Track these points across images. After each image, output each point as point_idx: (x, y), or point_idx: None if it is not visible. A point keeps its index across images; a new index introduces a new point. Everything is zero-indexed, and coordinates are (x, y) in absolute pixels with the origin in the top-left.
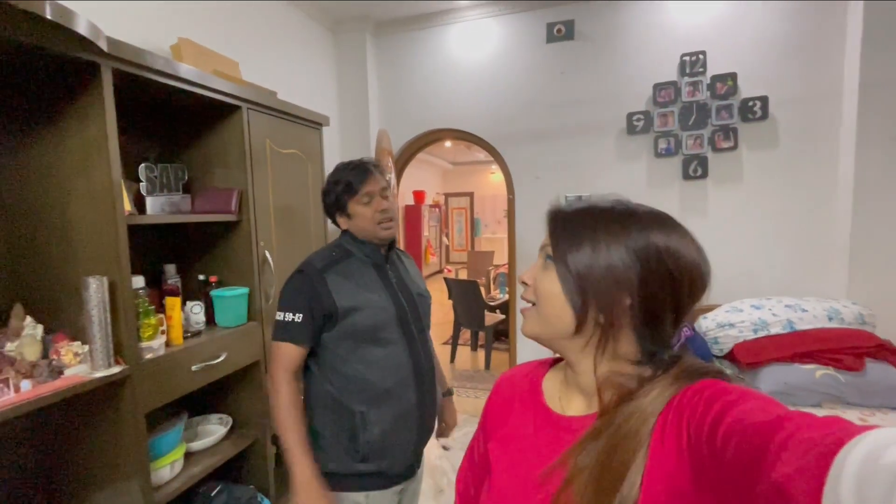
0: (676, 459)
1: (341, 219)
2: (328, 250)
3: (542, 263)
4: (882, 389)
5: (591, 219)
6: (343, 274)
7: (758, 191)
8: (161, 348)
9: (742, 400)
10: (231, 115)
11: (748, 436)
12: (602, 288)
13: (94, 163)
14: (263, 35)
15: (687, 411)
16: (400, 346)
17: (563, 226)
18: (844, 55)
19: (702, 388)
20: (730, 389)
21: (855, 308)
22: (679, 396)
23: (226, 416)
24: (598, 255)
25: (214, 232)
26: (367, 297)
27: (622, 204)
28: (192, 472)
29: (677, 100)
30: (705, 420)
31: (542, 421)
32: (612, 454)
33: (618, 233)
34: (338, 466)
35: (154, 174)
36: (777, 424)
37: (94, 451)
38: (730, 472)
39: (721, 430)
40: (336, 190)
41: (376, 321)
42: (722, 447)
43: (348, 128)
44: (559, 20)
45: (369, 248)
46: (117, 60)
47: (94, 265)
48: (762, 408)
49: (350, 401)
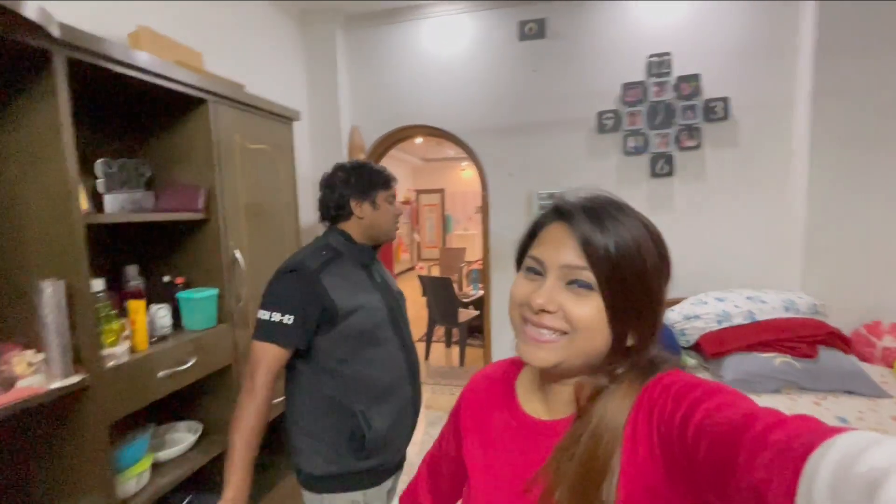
0: (650, 459)
1: (362, 206)
2: (317, 250)
3: (569, 288)
4: (833, 375)
5: (610, 225)
6: (338, 275)
7: (720, 188)
8: (125, 355)
9: (708, 396)
10: (196, 109)
11: (718, 435)
12: (643, 313)
13: (45, 157)
14: (227, 25)
15: (656, 410)
16: (394, 343)
17: (593, 244)
18: (799, 60)
19: (669, 385)
20: (696, 384)
21: (808, 299)
22: (647, 392)
23: (194, 423)
24: (640, 284)
25: (180, 231)
26: (364, 297)
27: (599, 197)
28: (159, 483)
29: (645, 99)
30: (675, 418)
31: (518, 425)
32: (590, 460)
33: (649, 257)
34: (338, 468)
35: (112, 170)
36: (745, 423)
37: (54, 466)
38: (703, 470)
39: (691, 428)
40: (372, 176)
41: (374, 321)
42: (693, 446)
43: (318, 123)
44: (531, 18)
45: (359, 248)
46: (70, 48)
47: (48, 268)
48: (730, 403)
49: (350, 401)
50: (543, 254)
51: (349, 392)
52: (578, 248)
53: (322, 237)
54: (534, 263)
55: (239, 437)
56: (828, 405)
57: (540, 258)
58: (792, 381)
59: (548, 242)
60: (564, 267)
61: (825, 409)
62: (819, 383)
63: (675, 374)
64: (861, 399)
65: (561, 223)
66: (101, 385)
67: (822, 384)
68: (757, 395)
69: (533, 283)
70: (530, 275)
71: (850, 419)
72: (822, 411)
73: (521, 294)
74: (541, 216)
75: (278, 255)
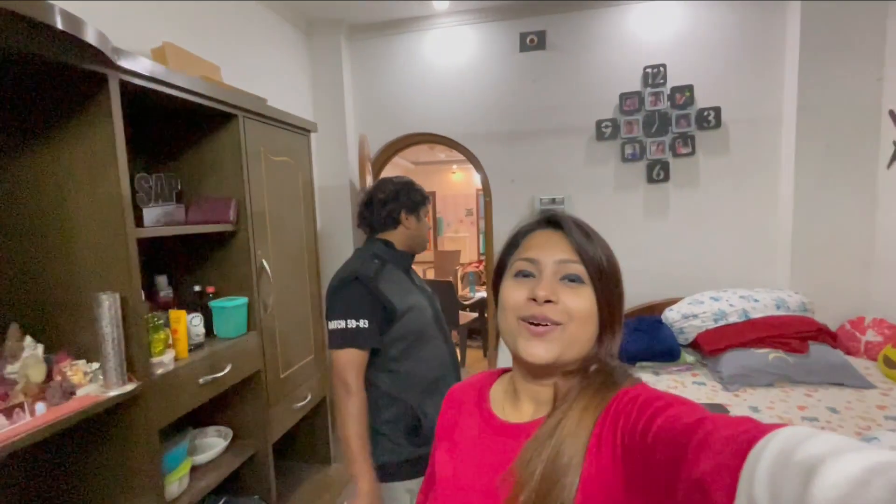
0: (612, 466)
1: (409, 218)
2: (367, 259)
3: (563, 283)
4: (823, 368)
5: (593, 237)
6: (390, 280)
7: (713, 193)
8: (171, 363)
9: (670, 406)
10: (227, 124)
11: (672, 436)
12: (616, 311)
13: (100, 177)
14: (237, 37)
15: (622, 418)
16: (439, 339)
17: (584, 247)
18: (785, 71)
19: (636, 396)
20: (660, 396)
21: (798, 297)
22: (615, 401)
23: (224, 428)
24: (612, 273)
25: (209, 242)
26: (413, 299)
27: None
28: (199, 486)
29: (641, 108)
30: (637, 425)
31: (485, 426)
32: (554, 463)
33: (604, 245)
34: (396, 456)
35: (149, 184)
36: (697, 425)
37: (106, 471)
38: (656, 472)
39: (651, 434)
40: (420, 196)
41: (423, 320)
42: (651, 449)
43: (325, 132)
44: (532, 31)
45: (400, 254)
46: (125, 72)
47: (100, 280)
48: (687, 412)
49: (406, 395)
50: (537, 254)
51: (403, 387)
52: (570, 246)
53: (366, 247)
54: (525, 265)
55: (353, 435)
56: (819, 397)
57: (533, 258)
58: (785, 375)
59: (539, 245)
60: (559, 262)
61: (816, 400)
62: (810, 377)
63: (641, 387)
64: (849, 390)
65: (550, 230)
66: (152, 392)
67: (813, 377)
68: (753, 388)
69: (525, 285)
70: (520, 278)
71: (839, 409)
72: (813, 402)
73: (517, 297)
74: (525, 226)
75: (298, 263)
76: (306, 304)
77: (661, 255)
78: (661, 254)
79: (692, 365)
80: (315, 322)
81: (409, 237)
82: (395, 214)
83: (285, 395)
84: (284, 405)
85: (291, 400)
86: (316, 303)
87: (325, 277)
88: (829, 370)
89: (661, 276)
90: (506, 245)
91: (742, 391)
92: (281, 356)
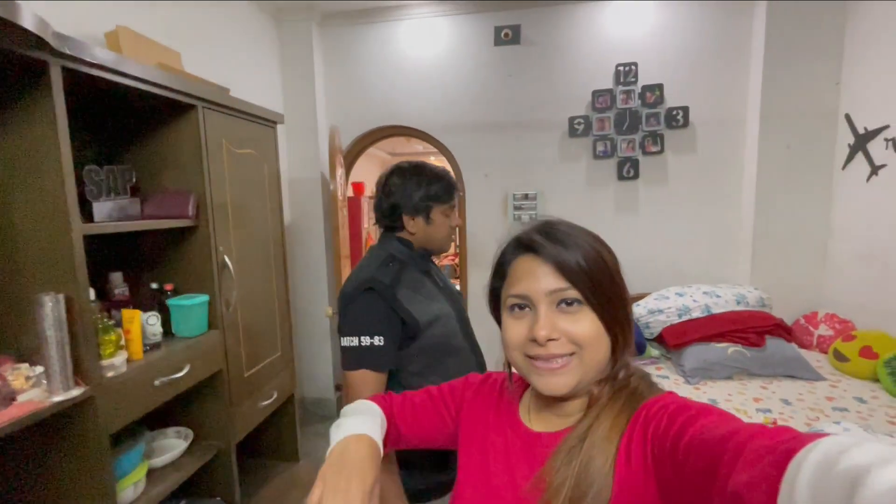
0: (642, 473)
1: (415, 220)
2: (383, 263)
3: (560, 309)
4: (778, 361)
5: (569, 241)
6: (410, 287)
7: (680, 191)
8: (123, 365)
9: (702, 415)
10: (185, 114)
11: (706, 446)
12: (619, 305)
13: (41, 170)
14: (201, 23)
15: (652, 426)
16: (466, 349)
17: (567, 265)
18: (750, 73)
19: (666, 405)
20: (691, 405)
21: (757, 293)
22: (645, 409)
23: (184, 429)
24: (599, 271)
25: (168, 237)
26: (438, 307)
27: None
28: (156, 490)
29: (613, 106)
30: (668, 434)
31: (514, 435)
32: (585, 470)
33: (607, 256)
34: (426, 482)
35: (100, 177)
36: (731, 435)
37: (54, 478)
38: (690, 482)
39: (683, 442)
40: (428, 191)
41: (448, 331)
42: (683, 459)
43: (295, 123)
44: (506, 24)
45: (419, 254)
46: (67, 58)
47: (44, 279)
48: (721, 421)
49: None
50: (525, 289)
51: None
52: (555, 271)
53: (381, 246)
54: (518, 301)
55: None
56: (773, 389)
57: (523, 293)
58: (742, 368)
59: (524, 277)
60: (550, 293)
61: (771, 392)
62: (766, 369)
63: (671, 396)
64: (801, 382)
65: (528, 255)
66: (102, 396)
67: (769, 370)
68: (713, 381)
69: (523, 319)
70: (516, 312)
71: (791, 401)
72: (768, 394)
73: (517, 335)
74: (503, 254)
75: (264, 258)
76: (273, 300)
77: (630, 250)
78: (631, 249)
79: (657, 359)
80: (282, 318)
81: (418, 241)
82: (396, 215)
83: (250, 394)
84: (249, 404)
85: (257, 398)
86: (284, 298)
87: (294, 272)
88: (784, 363)
89: (630, 270)
90: (492, 273)
91: (703, 384)
92: (245, 354)
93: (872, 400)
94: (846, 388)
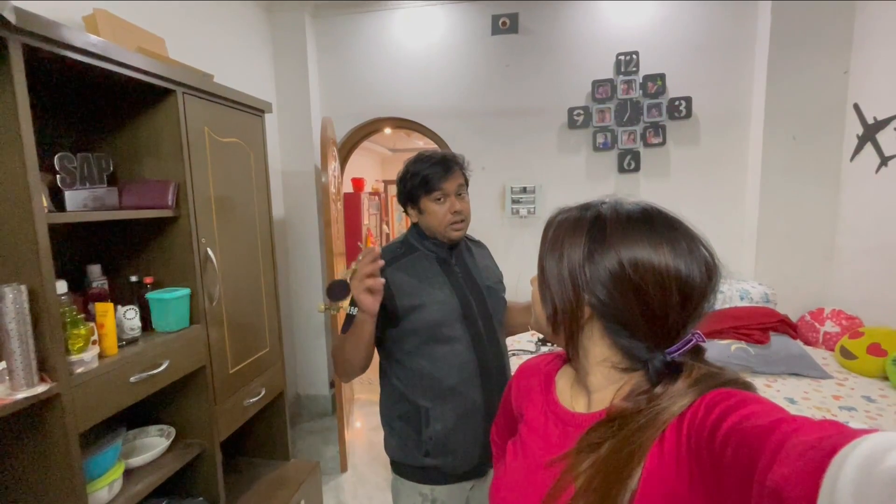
0: (675, 465)
1: (412, 211)
2: (395, 245)
3: None
4: (783, 358)
5: (564, 229)
6: (405, 270)
7: (682, 184)
8: (94, 361)
9: (742, 404)
10: (164, 100)
11: (746, 438)
12: (560, 289)
13: (1, 154)
14: (190, 9)
15: (688, 416)
16: (464, 342)
17: (545, 235)
18: (754, 61)
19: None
20: (731, 394)
21: (761, 288)
22: (693, 407)
23: (167, 427)
24: (562, 263)
25: (147, 228)
26: (430, 293)
27: (613, 210)
28: (133, 490)
29: (613, 96)
30: (705, 424)
31: (551, 414)
32: (614, 459)
33: (578, 242)
34: (405, 457)
35: (73, 165)
36: (774, 426)
37: (19, 480)
38: (727, 474)
39: (720, 433)
40: (413, 182)
41: (438, 317)
42: (720, 450)
43: (287, 113)
44: (504, 13)
45: (434, 242)
46: (28, 35)
47: (5, 271)
48: (762, 411)
49: (415, 395)
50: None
51: (412, 386)
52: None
53: (407, 231)
54: None
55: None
56: (778, 387)
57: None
58: (746, 365)
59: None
60: None
61: (776, 390)
62: (770, 367)
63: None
64: (807, 380)
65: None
66: (70, 393)
67: (774, 368)
68: None
69: None
70: None
71: (797, 399)
72: (773, 393)
73: None
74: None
75: (252, 250)
76: (261, 294)
77: None
78: None
79: None
80: (272, 313)
81: (423, 228)
82: (416, 196)
83: (235, 391)
84: (234, 401)
85: (243, 396)
86: (273, 292)
87: (287, 266)
88: (789, 361)
89: None
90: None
91: None
92: (230, 350)
93: (881, 399)
94: (853, 386)
